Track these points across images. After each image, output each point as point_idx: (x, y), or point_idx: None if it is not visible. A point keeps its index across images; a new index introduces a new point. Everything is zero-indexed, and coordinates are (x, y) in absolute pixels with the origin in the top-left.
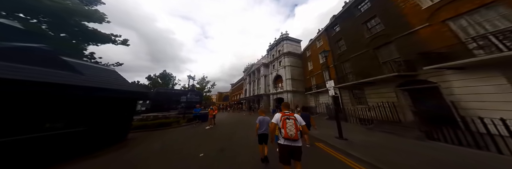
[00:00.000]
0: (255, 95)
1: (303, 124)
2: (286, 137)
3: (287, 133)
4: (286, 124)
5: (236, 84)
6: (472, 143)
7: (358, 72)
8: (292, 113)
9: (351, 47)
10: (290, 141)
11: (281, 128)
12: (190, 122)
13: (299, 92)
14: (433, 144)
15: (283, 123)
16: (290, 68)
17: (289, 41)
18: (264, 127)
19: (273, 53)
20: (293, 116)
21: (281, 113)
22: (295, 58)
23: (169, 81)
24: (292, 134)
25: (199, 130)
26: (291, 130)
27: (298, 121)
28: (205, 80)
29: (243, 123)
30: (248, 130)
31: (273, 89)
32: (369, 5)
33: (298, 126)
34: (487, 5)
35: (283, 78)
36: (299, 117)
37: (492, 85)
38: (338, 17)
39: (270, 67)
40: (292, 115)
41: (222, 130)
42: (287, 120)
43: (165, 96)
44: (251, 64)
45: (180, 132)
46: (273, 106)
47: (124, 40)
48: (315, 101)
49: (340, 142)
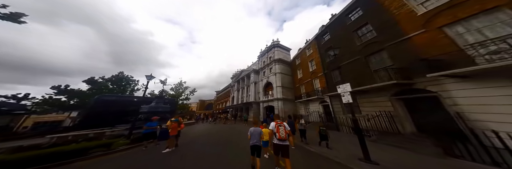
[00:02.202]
0: (243, 102)
1: (288, 129)
2: (279, 138)
3: (280, 135)
4: (279, 129)
5: (222, 92)
6: (488, 159)
7: (350, 80)
8: (282, 122)
9: (342, 55)
10: (281, 141)
11: (276, 132)
12: (139, 143)
13: (289, 100)
14: (461, 163)
15: (277, 129)
16: (281, 75)
17: (280, 48)
18: (255, 138)
19: (264, 60)
20: (282, 124)
21: (275, 122)
22: (285, 65)
23: (126, 86)
24: (283, 136)
25: (149, 158)
26: (282, 133)
27: (286, 127)
28: (183, 86)
29: (229, 141)
30: (236, 156)
31: (263, 96)
32: (360, 13)
33: (286, 130)
34: (486, 11)
35: (273, 85)
36: (286, 125)
37: (502, 96)
38: (328, 26)
39: (261, 74)
40: (282, 123)
41: (191, 156)
42: (279, 127)
43: (113, 106)
44: (240, 70)
45: (110, 166)
46: (263, 115)
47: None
48: (305, 109)
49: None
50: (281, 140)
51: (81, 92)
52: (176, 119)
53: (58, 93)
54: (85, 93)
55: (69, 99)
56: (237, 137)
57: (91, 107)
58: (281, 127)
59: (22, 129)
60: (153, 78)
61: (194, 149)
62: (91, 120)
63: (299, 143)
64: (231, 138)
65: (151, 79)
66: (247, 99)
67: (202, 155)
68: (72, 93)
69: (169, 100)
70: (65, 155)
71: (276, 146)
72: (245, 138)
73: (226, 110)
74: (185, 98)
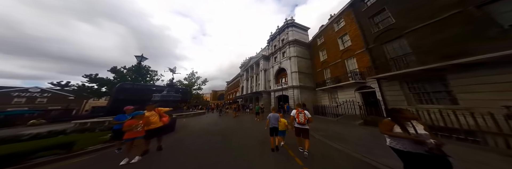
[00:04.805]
0: (253, 92)
1: (309, 116)
2: (298, 122)
3: (299, 120)
4: (299, 115)
5: (232, 82)
6: None
7: (429, 52)
8: (303, 110)
9: (408, 17)
10: (301, 125)
11: (296, 118)
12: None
13: (308, 88)
14: None
15: (297, 115)
16: (297, 59)
17: (296, 28)
18: (273, 122)
19: (274, 44)
20: (303, 112)
21: (296, 110)
22: (303, 47)
23: (145, 76)
24: (302, 121)
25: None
26: (301, 119)
27: (307, 114)
28: (195, 76)
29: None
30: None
31: (274, 85)
32: None
33: (306, 116)
34: None
35: (287, 72)
36: (307, 112)
37: None
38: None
39: (271, 60)
40: (302, 111)
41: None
42: (299, 114)
43: (133, 94)
44: (249, 58)
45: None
46: (276, 105)
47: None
48: (330, 99)
49: None
50: (300, 124)
51: (108, 80)
52: (138, 112)
53: (90, 81)
54: (111, 81)
55: (100, 86)
56: (249, 140)
57: (115, 94)
58: (301, 114)
59: (84, 112)
60: (173, 70)
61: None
62: (116, 107)
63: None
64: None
65: (172, 71)
66: (256, 89)
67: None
68: (102, 81)
69: (182, 89)
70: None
71: (297, 129)
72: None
73: (236, 100)
74: (197, 88)
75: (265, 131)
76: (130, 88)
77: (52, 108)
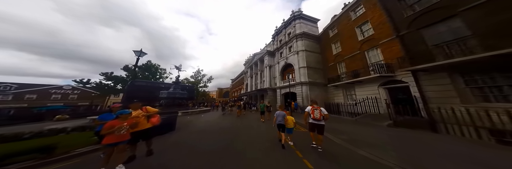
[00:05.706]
0: (257, 89)
1: (326, 113)
2: (313, 118)
3: (314, 116)
4: (314, 112)
5: (236, 79)
6: None
7: (502, 33)
8: (319, 107)
9: None
10: (316, 121)
11: (311, 114)
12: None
13: (318, 84)
14: None
15: (312, 111)
16: (305, 53)
17: (304, 20)
18: (279, 119)
19: (280, 38)
20: (319, 108)
21: (311, 106)
22: (312, 41)
23: (154, 74)
24: (317, 117)
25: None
26: (317, 115)
27: (322, 111)
28: (200, 74)
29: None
30: None
31: (280, 81)
32: None
33: (322, 113)
34: None
35: (295, 67)
36: (323, 109)
37: None
38: None
39: (277, 56)
40: (318, 108)
41: None
42: (315, 110)
43: (144, 91)
44: (253, 54)
45: None
46: (282, 103)
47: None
48: (345, 96)
49: None
50: (315, 120)
51: (122, 78)
52: (123, 111)
53: (106, 78)
54: (124, 79)
55: (115, 84)
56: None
57: (127, 91)
58: (317, 110)
59: (107, 108)
60: (178, 67)
61: None
62: (128, 104)
63: None
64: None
65: (178, 69)
66: (261, 86)
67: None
68: (116, 79)
69: (188, 86)
70: None
71: (312, 124)
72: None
73: (241, 97)
74: (203, 85)
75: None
76: (141, 85)
77: (81, 104)
